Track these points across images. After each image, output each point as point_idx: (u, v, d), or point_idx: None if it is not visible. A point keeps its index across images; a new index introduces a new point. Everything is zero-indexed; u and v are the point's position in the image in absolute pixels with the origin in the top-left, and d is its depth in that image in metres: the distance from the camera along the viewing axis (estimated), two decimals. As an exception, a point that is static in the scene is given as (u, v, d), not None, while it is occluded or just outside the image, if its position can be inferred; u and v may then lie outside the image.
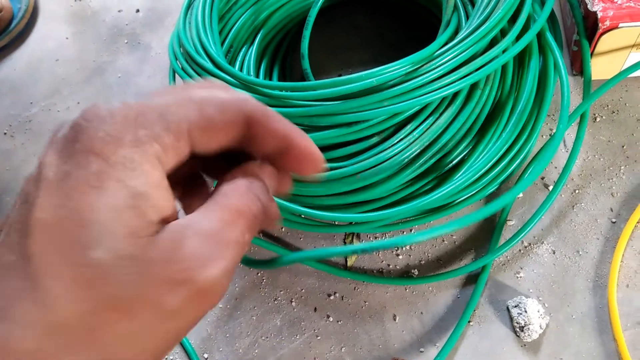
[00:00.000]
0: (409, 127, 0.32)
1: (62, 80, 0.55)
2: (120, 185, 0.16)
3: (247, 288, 0.40)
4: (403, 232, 0.39)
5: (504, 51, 0.33)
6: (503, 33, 0.35)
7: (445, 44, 0.33)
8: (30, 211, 0.16)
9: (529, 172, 0.37)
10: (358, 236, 0.39)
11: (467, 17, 0.37)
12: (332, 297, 0.38)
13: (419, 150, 0.32)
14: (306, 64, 0.41)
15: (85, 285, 0.15)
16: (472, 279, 0.36)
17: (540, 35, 0.38)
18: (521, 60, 0.37)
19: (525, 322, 0.32)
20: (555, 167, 0.38)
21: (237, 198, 0.18)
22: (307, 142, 0.20)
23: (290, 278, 0.39)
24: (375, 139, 0.33)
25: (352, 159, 0.33)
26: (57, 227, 0.16)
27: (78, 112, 0.17)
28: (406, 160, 0.32)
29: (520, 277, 0.35)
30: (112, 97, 0.52)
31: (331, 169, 0.33)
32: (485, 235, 0.37)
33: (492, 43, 0.34)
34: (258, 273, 0.40)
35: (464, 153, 0.34)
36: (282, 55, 0.46)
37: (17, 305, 0.15)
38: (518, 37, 0.35)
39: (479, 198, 0.36)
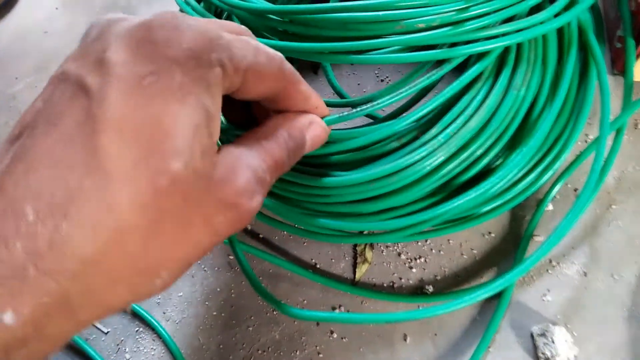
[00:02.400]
0: (433, 131, 0.28)
1: (50, 54, 0.51)
2: (198, 103, 0.17)
3: (245, 295, 0.36)
4: (418, 242, 0.35)
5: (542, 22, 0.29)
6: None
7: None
8: (101, 106, 0.15)
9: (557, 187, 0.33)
10: (371, 246, 0.35)
11: None
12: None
13: (444, 158, 0.28)
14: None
15: (155, 195, 0.15)
16: (493, 299, 0.32)
17: (580, 31, 0.33)
18: (559, 57, 0.33)
19: (552, 354, 0.29)
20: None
21: (278, 149, 0.21)
22: (322, 102, 0.24)
23: (292, 287, 0.36)
24: (394, 144, 0.29)
25: (367, 165, 0.29)
26: (135, 129, 0.15)
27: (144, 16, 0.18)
28: (428, 168, 0.28)
29: (547, 300, 0.32)
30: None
31: (342, 174, 0.29)
32: (509, 250, 0.34)
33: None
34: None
35: (494, 161, 0.30)
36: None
37: (81, 204, 0.14)
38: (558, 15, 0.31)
39: (506, 209, 0.32)
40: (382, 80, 0.42)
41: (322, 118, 0.25)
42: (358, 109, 0.28)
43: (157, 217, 0.16)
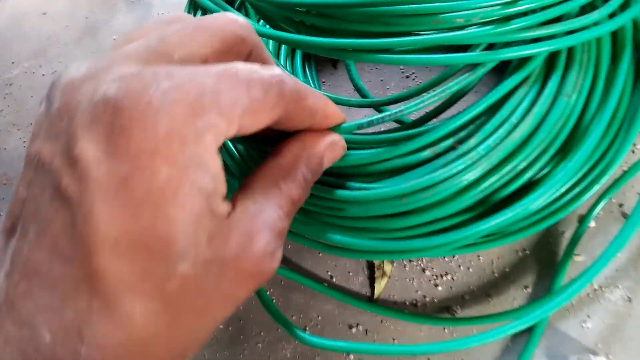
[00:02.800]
0: (472, 142, 0.25)
1: (48, 38, 0.47)
2: (194, 189, 0.15)
3: (254, 309, 0.34)
4: (444, 258, 0.32)
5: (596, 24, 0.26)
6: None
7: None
8: (87, 223, 0.14)
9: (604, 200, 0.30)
10: (391, 261, 0.33)
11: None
12: (353, 330, 0.32)
13: (483, 172, 0.25)
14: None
15: (167, 299, 0.15)
16: (527, 324, 0.30)
17: (635, 28, 0.30)
18: (612, 58, 0.29)
19: (594, 389, 0.27)
20: (638, 194, 0.32)
21: (297, 189, 0.19)
22: (334, 110, 0.21)
23: (306, 301, 0.33)
24: (427, 154, 0.26)
25: (395, 177, 0.26)
26: (130, 244, 0.14)
27: (108, 83, 0.15)
28: (465, 183, 0.25)
29: (587, 327, 0.29)
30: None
31: (370, 188, 0.26)
32: (545, 270, 0.31)
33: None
34: (267, 291, 0.34)
35: (537, 175, 0.27)
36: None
37: (94, 327, 0.14)
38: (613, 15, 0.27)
39: (545, 226, 0.29)
40: (407, 77, 0.38)
41: (336, 126, 0.22)
42: (381, 115, 0.25)
43: (173, 317, 0.15)
